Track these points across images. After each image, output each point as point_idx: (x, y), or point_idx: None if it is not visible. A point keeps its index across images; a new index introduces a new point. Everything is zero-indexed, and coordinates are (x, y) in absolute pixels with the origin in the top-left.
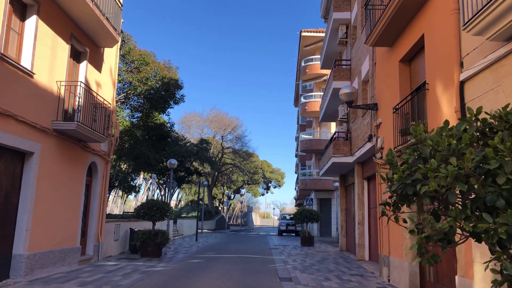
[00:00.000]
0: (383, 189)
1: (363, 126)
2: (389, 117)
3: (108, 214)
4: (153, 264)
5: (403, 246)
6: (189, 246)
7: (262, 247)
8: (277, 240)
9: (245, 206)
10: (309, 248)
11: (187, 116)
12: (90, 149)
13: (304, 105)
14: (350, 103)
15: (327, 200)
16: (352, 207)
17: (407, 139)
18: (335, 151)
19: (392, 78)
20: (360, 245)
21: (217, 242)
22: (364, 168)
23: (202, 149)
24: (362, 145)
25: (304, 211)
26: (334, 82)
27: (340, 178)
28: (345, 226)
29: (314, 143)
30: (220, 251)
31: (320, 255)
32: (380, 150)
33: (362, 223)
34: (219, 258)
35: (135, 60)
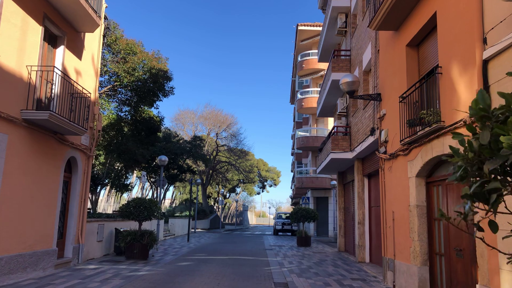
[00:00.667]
0: (387, 186)
1: (365, 119)
2: (395, 108)
3: (98, 213)
4: (137, 268)
5: (411, 248)
6: (180, 247)
7: (257, 248)
8: (272, 240)
9: (241, 205)
10: (305, 249)
11: (180, 113)
12: (68, 142)
13: (301, 101)
14: (351, 93)
15: (324, 199)
16: (351, 206)
17: (416, 131)
18: (333, 146)
19: (398, 64)
20: (360, 246)
21: (210, 242)
22: (364, 164)
23: (195, 146)
24: (363, 140)
25: (301, 210)
26: (333, 74)
27: (338, 175)
28: (344, 226)
29: (310, 140)
30: (212, 253)
31: (317, 257)
32: (384, 144)
33: (362, 222)
34: (210, 261)
35: (122, 49)
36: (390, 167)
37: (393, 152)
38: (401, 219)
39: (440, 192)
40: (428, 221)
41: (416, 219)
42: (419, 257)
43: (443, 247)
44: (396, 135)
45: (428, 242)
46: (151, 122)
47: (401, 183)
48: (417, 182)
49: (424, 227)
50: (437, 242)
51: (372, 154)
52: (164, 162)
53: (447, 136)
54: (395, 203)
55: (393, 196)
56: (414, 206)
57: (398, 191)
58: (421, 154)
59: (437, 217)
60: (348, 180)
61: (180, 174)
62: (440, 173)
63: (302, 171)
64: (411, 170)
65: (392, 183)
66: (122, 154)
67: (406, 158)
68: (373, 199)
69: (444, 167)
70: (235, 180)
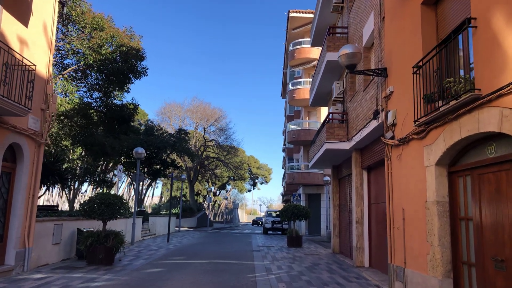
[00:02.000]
0: (395, 179)
1: (365, 102)
2: (406, 82)
3: (60, 211)
4: (95, 277)
5: (429, 256)
6: (157, 248)
7: (243, 249)
8: (261, 240)
9: (231, 203)
10: (296, 250)
11: (167, 107)
12: (8, 125)
13: (292, 92)
14: (351, 67)
15: (316, 196)
16: (348, 203)
17: (437, 106)
18: (328, 135)
19: (411, 29)
20: (358, 249)
21: (192, 243)
22: (363, 155)
23: (180, 139)
24: (364, 126)
25: (291, 207)
26: (328, 54)
27: (332, 169)
28: (339, 225)
29: (302, 134)
30: (192, 256)
31: (310, 260)
32: (391, 128)
33: (360, 222)
34: (187, 266)
35: (87, 24)
36: (399, 155)
37: (403, 137)
38: (414, 219)
39: (469, 184)
40: (451, 221)
41: (435, 218)
42: (440, 267)
43: (474, 255)
44: (407, 116)
45: (451, 248)
46: (123, 110)
47: (414, 174)
48: (437, 172)
49: (446, 229)
50: (464, 248)
51: (373, 143)
52: (141, 155)
53: (484, 109)
54: (405, 199)
55: (403, 190)
56: (433, 203)
57: (410, 184)
58: (443, 136)
59: (463, 216)
60: (343, 175)
61: (164, 170)
62: (469, 160)
63: (294, 166)
64: (428, 157)
65: (402, 174)
66: (90, 145)
67: (421, 142)
68: (374, 195)
69: (476, 151)
70: (225, 177)
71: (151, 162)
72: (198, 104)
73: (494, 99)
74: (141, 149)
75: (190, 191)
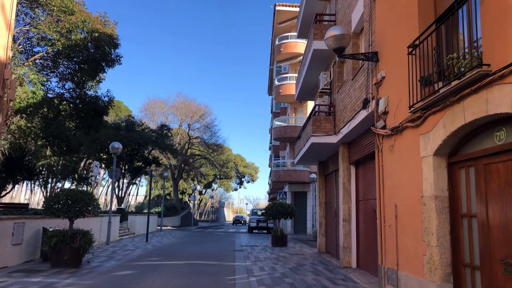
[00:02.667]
0: (387, 172)
1: (354, 92)
2: (399, 65)
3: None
4: (56, 281)
5: (426, 257)
6: (134, 248)
7: (226, 249)
8: (246, 239)
9: (217, 201)
10: (281, 250)
11: (150, 103)
12: None
13: (278, 88)
14: (340, 51)
15: (302, 194)
16: (334, 200)
17: (437, 88)
18: (315, 128)
19: (404, 6)
20: (345, 248)
21: (173, 242)
22: (351, 149)
23: (162, 135)
24: (352, 117)
25: (276, 205)
26: (315, 42)
27: (319, 165)
28: (325, 223)
29: (288, 130)
30: (169, 256)
31: (294, 260)
32: (383, 117)
33: (348, 220)
34: (162, 267)
35: (55, 7)
36: (391, 147)
37: (396, 126)
38: (408, 216)
39: (472, 176)
40: (451, 218)
41: (433, 215)
42: (439, 270)
43: (479, 257)
44: (401, 103)
45: (451, 248)
46: (96, 103)
47: (409, 166)
48: (435, 163)
49: (445, 227)
50: (467, 249)
51: (362, 136)
52: (117, 150)
53: (495, 87)
54: (398, 194)
55: (395, 184)
56: (430, 198)
57: (404, 177)
58: (443, 122)
59: (465, 212)
60: (330, 171)
61: (146, 167)
62: (473, 148)
63: (279, 163)
64: (425, 146)
65: (395, 167)
66: (53, 139)
67: (417, 130)
68: (362, 192)
69: (481, 138)
70: (211, 175)
71: (132, 159)
72: (182, 100)
73: (507, 75)
74: (118, 144)
75: (174, 189)
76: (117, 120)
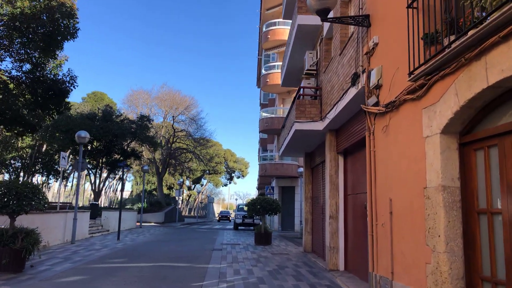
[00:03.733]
0: (379, 158)
1: (342, 68)
2: (395, 27)
3: None
4: None
5: (430, 266)
6: (101, 248)
7: (203, 248)
8: (229, 236)
9: (205, 197)
10: (264, 249)
11: (133, 94)
12: None
13: (265, 77)
14: (324, 13)
15: (290, 189)
16: (321, 195)
17: (448, 43)
18: (299, 114)
19: None
20: (332, 249)
21: (149, 240)
22: (339, 137)
23: (142, 127)
24: (340, 97)
25: (260, 201)
26: (300, 17)
27: (305, 157)
28: (311, 220)
29: (276, 122)
30: (136, 257)
31: (276, 261)
32: (375, 91)
33: (335, 216)
34: (122, 272)
35: None
36: (385, 127)
37: (392, 100)
38: (406, 212)
39: (494, 160)
40: (465, 216)
41: (441, 212)
42: (448, 284)
43: (503, 268)
44: (398, 71)
45: (465, 256)
46: (55, 83)
47: (407, 149)
48: (443, 144)
49: (457, 228)
50: (486, 257)
51: (351, 122)
52: (84, 139)
53: None
54: (394, 186)
55: (390, 174)
56: (437, 189)
57: (402, 164)
58: (455, 88)
59: (483, 208)
60: (317, 163)
61: (124, 160)
62: (496, 122)
63: (266, 157)
64: (430, 123)
65: (390, 152)
66: (3, 114)
67: (419, 104)
68: (351, 185)
69: (507, 108)
70: (199, 170)
71: (110, 152)
72: (167, 91)
73: None
74: (84, 133)
75: (158, 184)
76: (94, 109)
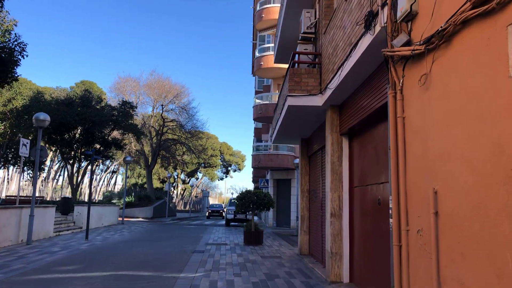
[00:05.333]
0: (412, 128)
1: (350, 16)
2: None
3: None
4: None
5: None
6: (59, 250)
7: (183, 249)
8: (218, 234)
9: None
10: (253, 250)
11: (120, 81)
12: None
13: (259, 60)
14: None
15: (285, 182)
16: (320, 188)
17: None
18: (293, 85)
19: None
20: (334, 255)
21: (122, 239)
22: (344, 114)
23: (124, 114)
24: (348, 56)
25: (250, 195)
26: None
27: (301, 144)
28: (308, 217)
29: (271, 109)
30: (93, 264)
31: (266, 267)
32: (405, 25)
33: (338, 214)
34: (60, 286)
35: None
36: (424, 76)
37: (439, 29)
38: (472, 214)
39: None
40: None
41: None
42: None
43: None
44: None
45: None
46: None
47: (472, 103)
48: None
49: None
50: None
51: (361, 90)
52: (43, 122)
53: None
54: (444, 169)
55: (433, 149)
56: None
57: (459, 130)
58: None
59: None
60: (315, 150)
61: (105, 150)
62: None
63: (260, 147)
64: None
65: (432, 113)
66: None
67: (497, 20)
68: (359, 174)
69: None
70: (194, 163)
71: (88, 141)
72: (157, 78)
73: None
74: (44, 115)
75: (147, 177)
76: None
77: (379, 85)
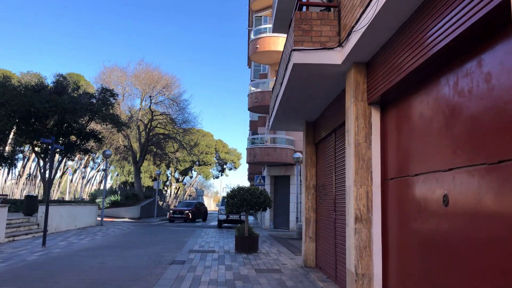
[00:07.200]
0: None
1: None
2: None
3: None
4: None
5: None
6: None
7: (158, 259)
8: (207, 238)
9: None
10: (246, 260)
11: (106, 71)
12: None
13: (255, 43)
14: None
15: (284, 178)
16: (332, 182)
17: None
18: (300, 35)
19: None
20: (360, 277)
21: (89, 246)
22: (374, 74)
23: (103, 101)
24: None
25: (242, 192)
26: None
27: (306, 128)
28: (314, 220)
29: (268, 97)
30: (29, 283)
31: (262, 287)
32: None
33: (366, 219)
34: None
35: None
36: None
37: None
38: None
39: None
40: None
41: None
42: None
43: None
44: None
45: None
46: None
47: None
48: None
49: None
50: None
51: (404, 30)
52: None
53: None
54: None
55: None
56: None
57: None
58: None
59: None
60: (324, 135)
61: (82, 143)
62: None
63: (256, 140)
64: None
65: None
66: None
67: None
68: (399, 160)
69: None
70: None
71: (63, 132)
72: (145, 68)
73: None
74: None
75: (135, 174)
76: (41, 80)
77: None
